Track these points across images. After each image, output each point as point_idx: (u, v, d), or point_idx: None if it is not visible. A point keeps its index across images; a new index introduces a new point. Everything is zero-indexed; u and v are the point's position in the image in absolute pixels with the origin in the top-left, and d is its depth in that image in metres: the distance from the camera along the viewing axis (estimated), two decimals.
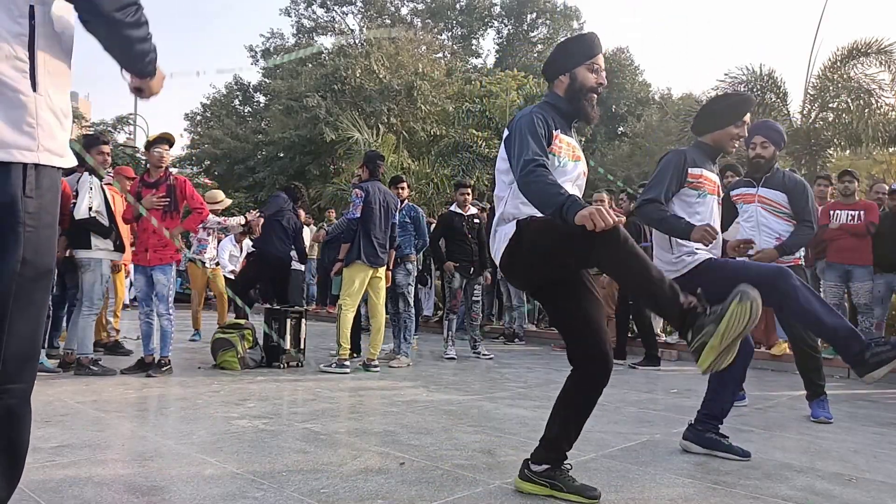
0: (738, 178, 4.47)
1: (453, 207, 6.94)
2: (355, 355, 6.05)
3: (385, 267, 5.73)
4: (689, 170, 3.04)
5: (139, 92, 1.64)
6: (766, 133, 4.13)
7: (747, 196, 4.20)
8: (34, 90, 1.37)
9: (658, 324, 7.76)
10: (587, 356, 2.31)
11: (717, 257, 3.06)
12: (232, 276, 7.88)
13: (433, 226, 7.30)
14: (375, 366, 5.62)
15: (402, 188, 6.44)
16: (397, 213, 5.89)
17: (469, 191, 6.91)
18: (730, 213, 4.26)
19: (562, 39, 2.74)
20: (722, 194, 3.28)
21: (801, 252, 4.09)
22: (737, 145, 3.22)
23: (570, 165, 2.44)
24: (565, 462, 2.38)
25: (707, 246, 2.93)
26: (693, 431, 3.10)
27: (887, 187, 6.97)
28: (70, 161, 1.47)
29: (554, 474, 2.35)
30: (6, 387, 1.38)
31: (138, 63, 1.55)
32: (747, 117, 3.14)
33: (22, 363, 1.39)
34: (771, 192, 4.08)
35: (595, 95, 2.47)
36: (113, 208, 5.23)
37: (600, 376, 2.30)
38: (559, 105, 2.50)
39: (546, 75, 2.57)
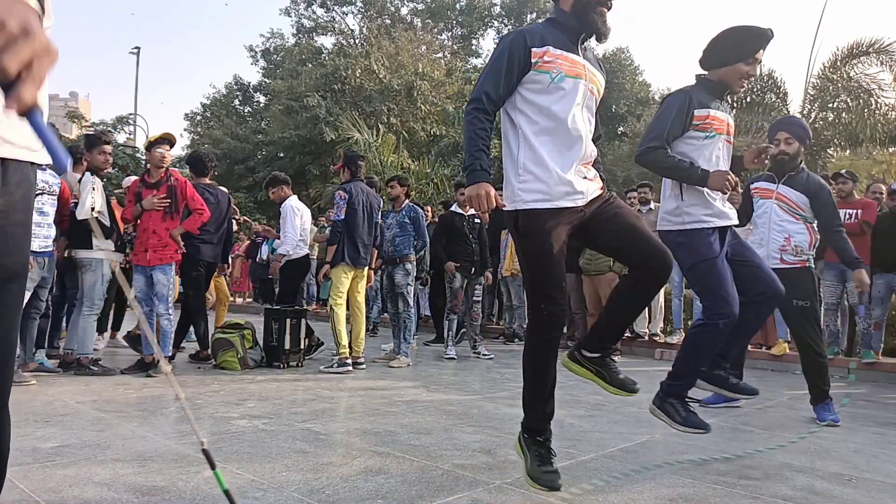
0: (760, 172, 4.39)
1: (454, 207, 6.95)
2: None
3: (367, 267, 5.80)
4: (695, 112, 2.86)
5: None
6: (789, 129, 4.03)
7: (766, 191, 4.10)
8: None
9: (658, 324, 7.77)
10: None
11: (720, 236, 2.94)
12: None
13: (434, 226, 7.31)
14: (361, 363, 5.72)
15: (392, 187, 6.42)
16: (378, 214, 5.93)
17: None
18: (747, 206, 4.20)
19: None
20: (732, 133, 3.10)
21: (811, 255, 4.04)
22: (745, 85, 3.01)
23: (567, 82, 2.27)
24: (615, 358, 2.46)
25: (724, 195, 2.81)
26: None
27: (884, 187, 6.97)
28: (44, 157, 1.32)
29: (603, 362, 2.44)
30: None
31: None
32: (760, 54, 2.93)
33: None
34: (790, 192, 3.98)
35: (605, 9, 2.31)
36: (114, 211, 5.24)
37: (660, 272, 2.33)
38: (563, 20, 2.34)
39: None
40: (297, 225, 6.09)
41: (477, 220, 6.82)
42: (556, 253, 2.26)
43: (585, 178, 2.36)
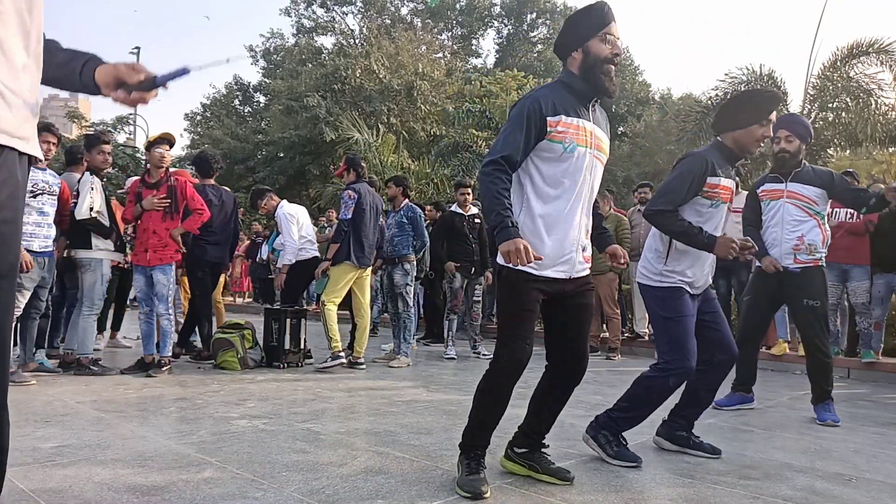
0: (763, 175, 4.38)
1: (454, 207, 6.95)
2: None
3: (370, 267, 5.82)
4: (708, 180, 2.88)
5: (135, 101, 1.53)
6: (790, 127, 4.01)
7: (775, 192, 4.07)
8: None
9: None
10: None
11: (694, 300, 2.97)
12: None
13: (434, 226, 7.30)
14: (361, 363, 5.71)
15: (389, 187, 6.42)
16: (380, 215, 5.96)
17: (469, 191, 6.91)
18: (755, 213, 4.21)
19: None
20: (734, 199, 3.12)
21: (823, 253, 4.03)
22: (761, 147, 3.03)
23: (578, 151, 2.33)
24: (544, 448, 2.59)
25: (728, 258, 2.85)
26: (665, 428, 3.13)
27: (883, 188, 6.95)
28: (33, 148, 1.30)
29: (532, 456, 2.56)
30: None
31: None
32: (773, 115, 2.96)
33: None
34: (801, 187, 3.96)
35: (612, 67, 2.36)
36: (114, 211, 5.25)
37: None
38: (573, 83, 2.39)
39: (558, 54, 2.48)
40: (295, 232, 6.07)
41: (477, 220, 6.82)
42: (532, 310, 2.37)
43: (583, 249, 2.45)
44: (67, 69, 1.47)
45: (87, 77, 1.47)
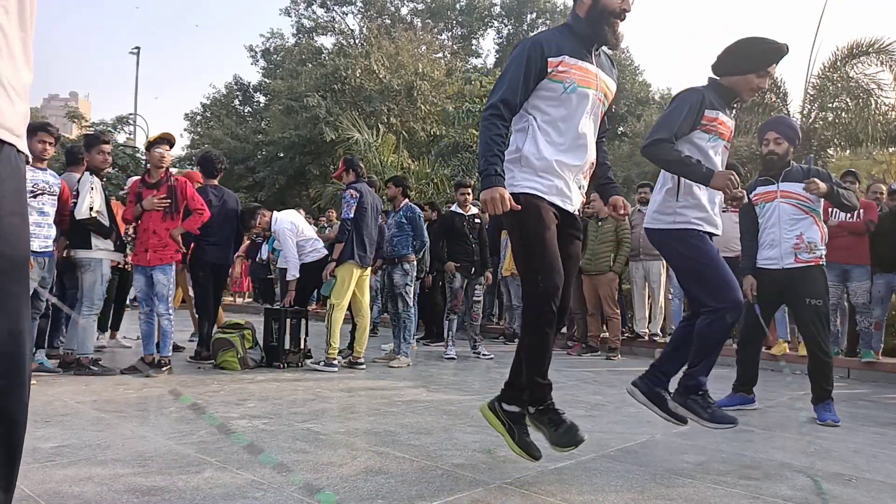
0: (753, 179, 4.41)
1: (454, 207, 6.95)
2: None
3: (370, 267, 5.84)
4: (706, 111, 2.87)
5: None
6: (779, 129, 4.06)
7: (768, 194, 4.10)
8: None
9: (658, 324, 7.77)
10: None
11: (710, 240, 2.92)
12: None
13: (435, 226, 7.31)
14: (361, 363, 5.72)
15: (388, 188, 6.41)
16: (380, 215, 5.99)
17: (469, 190, 6.91)
18: (752, 220, 4.21)
19: None
20: (732, 140, 3.10)
21: (823, 250, 4.04)
22: (755, 96, 3.10)
23: (579, 92, 2.35)
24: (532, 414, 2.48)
25: (729, 194, 2.78)
26: (644, 382, 3.03)
27: (884, 188, 6.96)
28: (22, 145, 1.32)
29: (517, 419, 2.50)
30: None
31: None
32: (773, 68, 2.95)
33: (6, 359, 1.27)
34: (794, 186, 3.99)
35: (618, 21, 2.37)
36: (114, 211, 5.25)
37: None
38: (577, 27, 2.40)
39: None
40: (293, 245, 6.05)
41: (477, 220, 6.83)
42: (552, 229, 2.33)
43: (580, 187, 2.48)
44: None
45: None
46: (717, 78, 3.05)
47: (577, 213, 2.52)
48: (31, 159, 4.42)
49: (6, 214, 1.25)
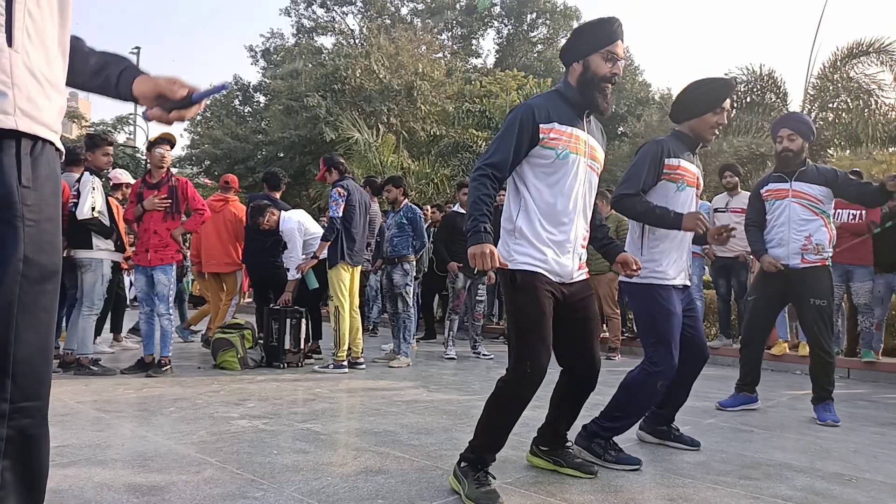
0: (767, 174, 4.38)
1: (456, 207, 6.96)
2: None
3: (360, 266, 5.82)
4: (666, 160, 2.93)
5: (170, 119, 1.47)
6: (792, 125, 4.02)
7: (780, 192, 4.05)
8: (9, 45, 1.15)
9: None
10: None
11: (674, 293, 2.96)
12: None
13: (437, 226, 7.31)
14: (361, 363, 5.72)
15: (388, 190, 6.37)
16: (370, 212, 5.95)
17: None
18: (759, 213, 4.20)
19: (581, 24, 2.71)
20: (702, 187, 3.15)
21: (829, 252, 4.03)
22: (717, 133, 3.09)
23: (571, 158, 2.37)
24: (567, 444, 2.68)
25: (699, 234, 2.87)
26: (647, 423, 3.22)
27: (884, 177, 6.95)
28: (60, 143, 1.28)
29: (556, 452, 2.65)
30: (19, 405, 1.18)
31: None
32: (727, 103, 3.00)
33: (34, 377, 1.20)
34: (806, 186, 3.95)
35: (608, 86, 2.40)
36: (115, 211, 5.25)
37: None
38: (569, 95, 2.43)
39: (563, 60, 2.50)
40: (300, 245, 6.05)
41: None
42: (547, 313, 2.34)
43: (580, 256, 2.48)
44: (102, 77, 1.43)
45: (124, 88, 1.42)
46: (677, 126, 3.12)
47: (582, 278, 2.51)
48: None
49: (43, 220, 1.21)
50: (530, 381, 2.29)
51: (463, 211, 6.77)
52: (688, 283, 3.09)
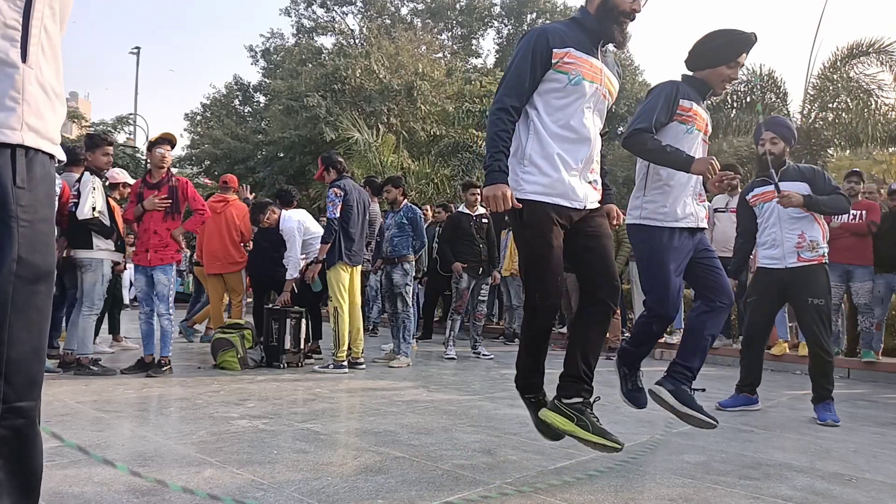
0: (751, 181, 4.40)
1: (461, 208, 6.96)
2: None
3: (360, 265, 5.81)
4: (681, 101, 2.90)
5: None
6: (774, 129, 4.05)
7: (766, 194, 4.10)
8: (23, 61, 1.18)
9: None
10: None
11: (678, 238, 2.92)
12: None
13: (442, 227, 7.33)
14: (361, 363, 5.71)
15: (387, 191, 6.37)
16: (368, 211, 5.95)
17: (478, 191, 6.90)
18: (750, 220, 4.22)
19: None
20: (709, 134, 3.13)
21: (825, 248, 4.04)
22: (728, 87, 3.09)
23: (583, 85, 2.36)
24: (595, 400, 2.50)
25: (711, 178, 2.78)
26: (670, 381, 3.00)
27: (876, 187, 6.97)
28: (61, 153, 1.30)
29: (583, 411, 2.43)
30: (13, 405, 1.19)
31: None
32: (742, 58, 2.98)
33: (27, 378, 1.22)
34: (791, 185, 3.97)
35: (627, 21, 2.39)
36: (114, 211, 5.25)
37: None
38: (586, 22, 2.42)
39: None
40: (299, 245, 6.05)
41: (485, 221, 6.82)
42: (555, 245, 2.34)
43: (590, 182, 2.47)
44: None
45: None
46: (691, 73, 3.08)
47: (595, 205, 2.48)
48: None
49: (37, 220, 1.22)
50: (542, 311, 2.37)
51: (468, 212, 6.77)
52: (702, 225, 3.02)
